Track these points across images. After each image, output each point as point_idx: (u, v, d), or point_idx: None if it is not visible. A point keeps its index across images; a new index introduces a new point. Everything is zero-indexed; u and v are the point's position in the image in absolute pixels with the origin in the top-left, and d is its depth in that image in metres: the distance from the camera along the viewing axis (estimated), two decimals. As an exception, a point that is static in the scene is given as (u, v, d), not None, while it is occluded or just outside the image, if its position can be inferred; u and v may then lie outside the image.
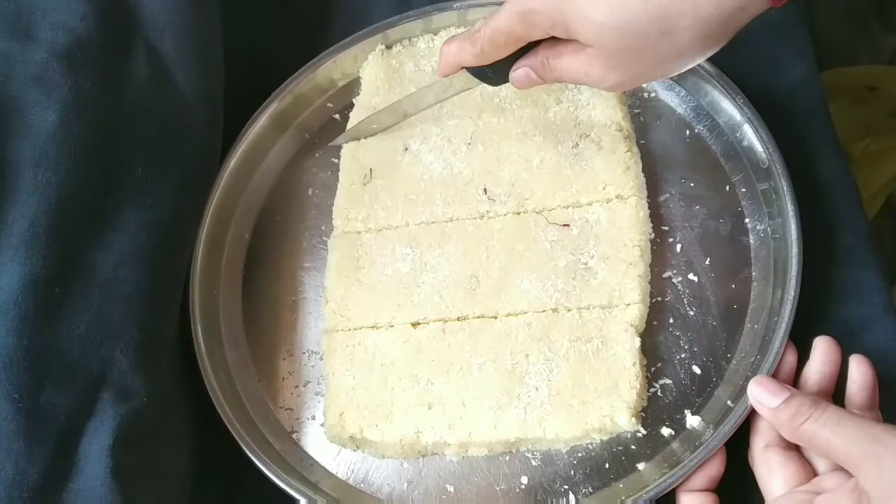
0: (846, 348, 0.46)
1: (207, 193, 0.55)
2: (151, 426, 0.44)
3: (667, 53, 0.40)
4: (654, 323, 0.51)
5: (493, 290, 0.51)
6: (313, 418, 0.52)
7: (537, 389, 0.48)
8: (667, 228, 0.54)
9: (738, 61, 0.57)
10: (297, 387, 0.53)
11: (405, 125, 0.58)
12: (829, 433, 0.39)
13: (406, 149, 0.57)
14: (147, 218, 0.47)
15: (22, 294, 0.41)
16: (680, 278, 0.52)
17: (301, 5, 0.65)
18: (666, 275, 0.52)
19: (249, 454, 0.48)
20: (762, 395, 0.43)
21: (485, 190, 0.54)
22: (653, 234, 0.53)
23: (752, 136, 0.53)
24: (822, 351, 0.46)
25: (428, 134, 0.57)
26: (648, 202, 0.54)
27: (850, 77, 0.86)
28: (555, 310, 0.50)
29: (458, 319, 0.51)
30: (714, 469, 0.45)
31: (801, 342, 0.47)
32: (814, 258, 0.49)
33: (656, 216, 0.54)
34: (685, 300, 0.51)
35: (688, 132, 0.56)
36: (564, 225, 0.52)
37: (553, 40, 0.44)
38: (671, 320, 0.51)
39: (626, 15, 0.39)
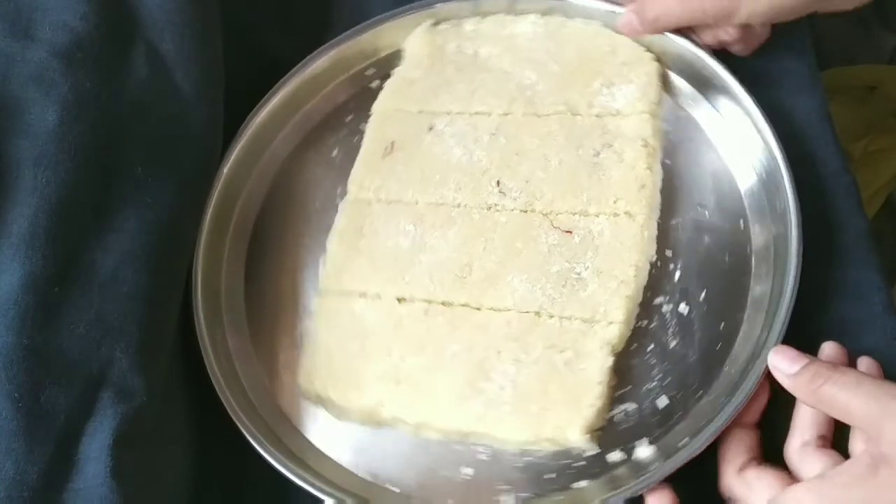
0: (846, 348, 0.46)
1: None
2: (152, 426, 0.44)
3: None
4: (634, 346, 0.49)
5: (482, 281, 0.51)
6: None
7: (502, 388, 0.48)
8: (670, 254, 0.52)
9: (738, 61, 0.57)
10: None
11: (435, 104, 0.58)
12: (849, 395, 0.39)
13: (431, 128, 0.57)
14: (147, 217, 0.47)
15: (22, 293, 0.41)
16: (671, 306, 0.50)
17: (301, 5, 0.65)
18: (658, 300, 0.50)
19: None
20: (781, 362, 0.43)
21: (498, 182, 0.54)
22: (655, 258, 0.51)
23: (781, 183, 0.50)
24: (828, 356, 0.45)
25: (457, 119, 0.57)
26: (659, 223, 0.52)
27: (850, 77, 0.86)
28: (537, 313, 0.50)
29: (442, 304, 0.51)
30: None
31: (800, 342, 0.47)
32: (814, 258, 0.49)
33: (662, 239, 0.52)
34: (670, 330, 0.50)
35: (715, 157, 0.54)
36: (567, 231, 0.52)
37: None
38: (651, 347, 0.49)
39: None
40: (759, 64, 0.58)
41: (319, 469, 0.49)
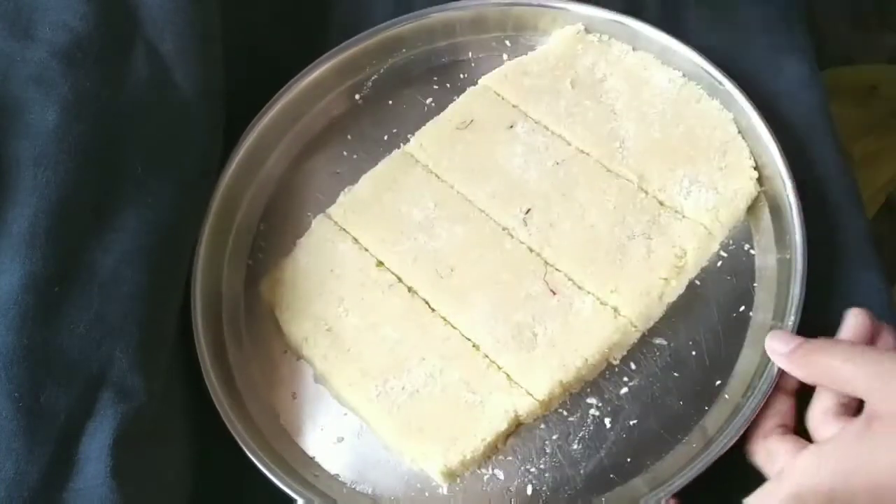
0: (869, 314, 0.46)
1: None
2: (151, 426, 0.44)
3: None
4: (541, 426, 0.48)
5: (453, 289, 0.51)
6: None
7: (402, 389, 0.48)
8: (632, 368, 0.49)
9: (738, 61, 0.57)
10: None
11: (530, 106, 0.57)
12: (840, 362, 0.41)
13: (512, 126, 0.56)
14: (147, 217, 0.47)
15: (22, 293, 0.41)
16: (598, 413, 0.48)
17: (301, 5, 0.65)
18: (591, 400, 0.49)
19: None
20: (777, 344, 0.44)
21: (527, 210, 0.53)
22: (616, 362, 0.49)
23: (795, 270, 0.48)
24: (853, 324, 0.45)
25: (539, 130, 0.56)
26: (644, 335, 0.50)
27: (850, 77, 0.86)
28: (476, 346, 0.49)
29: (408, 289, 0.51)
30: None
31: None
32: (814, 258, 0.49)
33: (637, 350, 0.50)
34: (581, 433, 0.48)
35: (742, 308, 0.51)
36: (552, 290, 0.50)
37: None
38: (554, 437, 0.48)
39: None
40: (759, 63, 0.58)
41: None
